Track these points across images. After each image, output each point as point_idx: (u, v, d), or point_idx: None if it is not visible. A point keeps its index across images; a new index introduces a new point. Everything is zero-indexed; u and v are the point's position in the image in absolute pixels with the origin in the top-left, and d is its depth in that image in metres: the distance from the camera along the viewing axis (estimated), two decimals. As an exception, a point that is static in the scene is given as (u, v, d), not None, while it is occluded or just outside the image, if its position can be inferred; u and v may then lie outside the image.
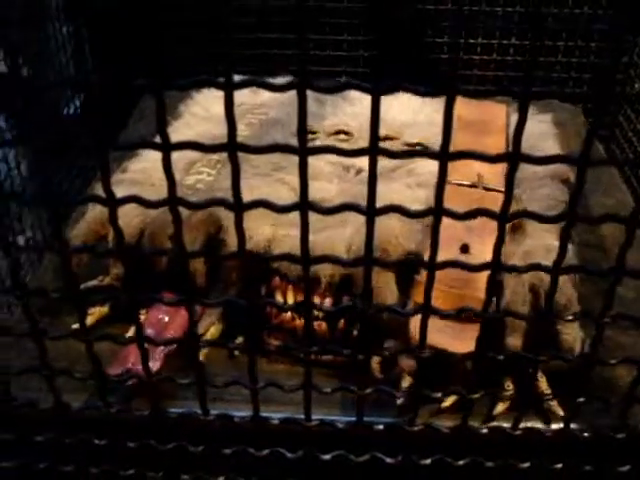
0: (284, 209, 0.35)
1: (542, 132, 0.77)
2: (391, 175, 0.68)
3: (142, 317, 0.60)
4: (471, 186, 0.63)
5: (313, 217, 0.47)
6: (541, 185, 0.68)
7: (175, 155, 0.72)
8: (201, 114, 0.81)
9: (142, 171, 0.67)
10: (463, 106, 0.75)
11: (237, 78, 0.31)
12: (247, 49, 1.07)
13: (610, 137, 1.19)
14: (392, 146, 0.72)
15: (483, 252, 0.54)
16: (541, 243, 0.60)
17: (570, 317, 0.41)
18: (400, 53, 1.08)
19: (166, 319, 0.58)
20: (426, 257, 0.35)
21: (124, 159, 0.73)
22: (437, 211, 0.34)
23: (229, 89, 0.32)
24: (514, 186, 0.65)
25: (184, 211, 0.59)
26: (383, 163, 0.72)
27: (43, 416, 0.46)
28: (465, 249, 0.56)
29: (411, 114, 0.79)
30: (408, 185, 0.67)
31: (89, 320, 0.61)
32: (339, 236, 0.59)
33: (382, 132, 0.74)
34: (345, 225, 0.60)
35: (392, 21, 1.08)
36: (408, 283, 0.56)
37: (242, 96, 0.81)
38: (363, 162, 0.70)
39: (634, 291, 0.67)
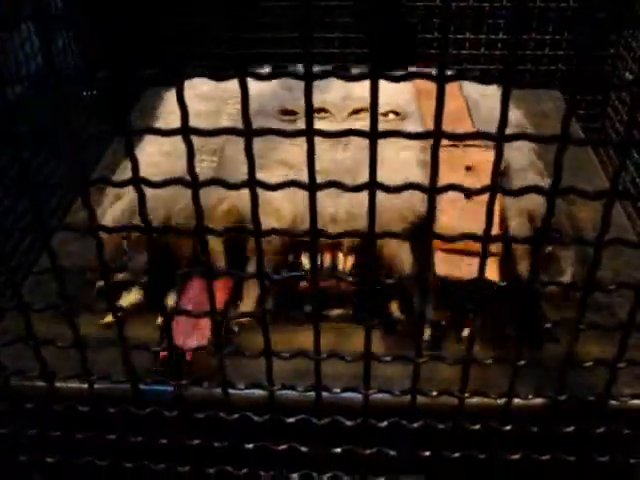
0: (235, 186, 0.39)
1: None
2: (380, 142, 0.73)
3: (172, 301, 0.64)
4: (450, 145, 0.71)
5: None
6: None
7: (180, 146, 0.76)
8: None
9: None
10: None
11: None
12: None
13: (600, 129, 1.22)
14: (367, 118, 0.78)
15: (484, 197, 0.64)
16: (528, 182, 0.65)
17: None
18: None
19: (203, 299, 0.62)
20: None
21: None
22: (371, 184, 0.37)
23: (179, 83, 0.36)
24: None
25: (208, 204, 0.64)
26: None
27: (33, 388, 0.51)
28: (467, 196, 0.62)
29: (390, 90, 0.82)
30: (395, 148, 0.74)
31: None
32: (357, 207, 0.66)
33: (358, 105, 0.80)
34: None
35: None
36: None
37: (230, 90, 0.85)
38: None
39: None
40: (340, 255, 0.66)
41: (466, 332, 0.62)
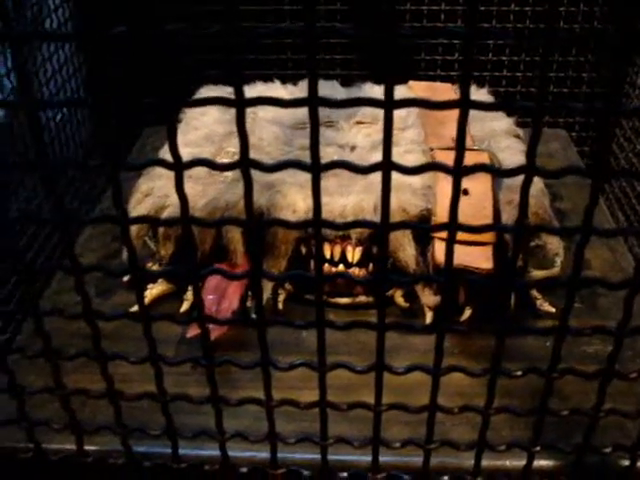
0: (226, 167, 0.33)
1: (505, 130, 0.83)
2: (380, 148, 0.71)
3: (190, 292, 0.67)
4: (450, 149, 0.70)
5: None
6: (501, 140, 0.80)
7: (199, 150, 0.78)
8: (198, 116, 0.85)
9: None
10: (419, 88, 0.87)
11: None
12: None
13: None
14: (370, 127, 0.81)
15: (477, 191, 0.67)
16: (519, 181, 0.67)
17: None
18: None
19: (223, 285, 0.66)
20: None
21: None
22: (387, 165, 0.32)
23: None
24: (482, 142, 0.78)
25: (232, 198, 0.68)
26: (375, 138, 0.80)
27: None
28: (465, 192, 0.66)
29: None
30: (399, 153, 0.75)
31: (147, 299, 0.68)
32: (366, 200, 0.68)
33: (359, 118, 0.79)
34: (371, 191, 0.69)
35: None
36: (426, 240, 0.67)
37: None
38: (354, 140, 0.79)
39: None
40: (349, 247, 0.67)
41: (466, 314, 0.65)
